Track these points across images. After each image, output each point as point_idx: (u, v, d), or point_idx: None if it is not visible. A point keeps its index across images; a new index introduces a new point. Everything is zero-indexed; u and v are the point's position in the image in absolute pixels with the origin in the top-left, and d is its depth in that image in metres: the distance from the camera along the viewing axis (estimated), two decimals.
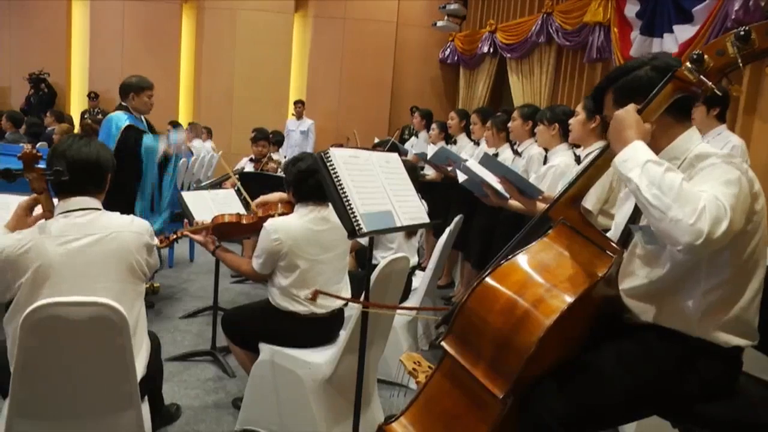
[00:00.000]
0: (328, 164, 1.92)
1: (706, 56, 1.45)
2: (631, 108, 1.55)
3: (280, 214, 2.85)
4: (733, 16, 4.48)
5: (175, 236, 2.93)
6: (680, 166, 1.54)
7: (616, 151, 1.52)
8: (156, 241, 2.15)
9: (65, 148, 1.99)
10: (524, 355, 1.47)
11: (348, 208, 1.87)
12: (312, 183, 2.56)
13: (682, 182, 1.37)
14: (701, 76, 1.46)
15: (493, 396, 1.52)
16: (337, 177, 1.90)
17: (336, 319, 2.74)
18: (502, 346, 1.53)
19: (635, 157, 1.45)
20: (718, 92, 1.49)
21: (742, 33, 1.41)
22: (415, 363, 2.09)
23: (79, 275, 1.87)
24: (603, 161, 1.64)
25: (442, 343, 1.66)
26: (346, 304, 2.78)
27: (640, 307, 1.63)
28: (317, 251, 2.61)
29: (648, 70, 1.60)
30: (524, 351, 1.48)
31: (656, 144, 1.58)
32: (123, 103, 4.03)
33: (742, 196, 1.41)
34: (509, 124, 4.16)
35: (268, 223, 2.57)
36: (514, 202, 2.83)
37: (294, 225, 2.59)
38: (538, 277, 1.58)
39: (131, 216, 2.08)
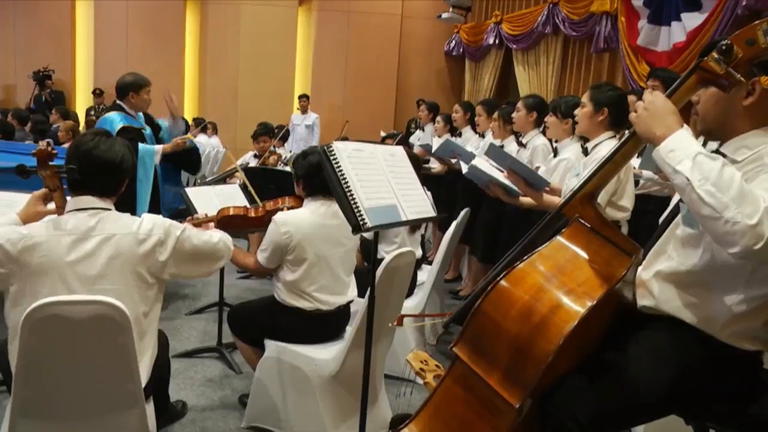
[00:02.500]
0: (331, 158, 1.89)
1: (735, 46, 1.35)
2: (663, 95, 1.44)
3: (288, 208, 2.82)
4: (744, 3, 4.40)
5: None
6: (747, 158, 1.45)
7: (653, 137, 1.40)
8: (177, 232, 1.99)
9: (91, 147, 1.92)
10: (542, 364, 1.42)
11: (352, 202, 1.84)
12: (323, 177, 2.53)
13: (741, 179, 1.27)
14: (729, 68, 1.35)
15: (508, 404, 1.47)
16: (340, 171, 1.87)
17: (342, 314, 2.71)
18: (518, 354, 1.47)
19: (684, 148, 1.33)
20: (750, 86, 1.40)
21: None
22: (422, 362, 2.05)
23: (80, 276, 1.84)
24: (621, 157, 1.56)
25: (454, 349, 1.60)
26: (350, 302, 2.75)
27: (666, 293, 1.57)
28: (326, 246, 2.59)
29: None
30: (543, 359, 1.42)
31: (741, 124, 1.48)
32: (118, 102, 4.00)
33: None
34: (513, 115, 4.12)
35: (278, 217, 2.55)
36: (525, 199, 2.79)
37: (304, 219, 2.57)
38: (555, 281, 1.52)
39: (142, 217, 2.00)
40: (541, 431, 1.54)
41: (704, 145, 1.79)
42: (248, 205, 3.14)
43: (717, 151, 1.53)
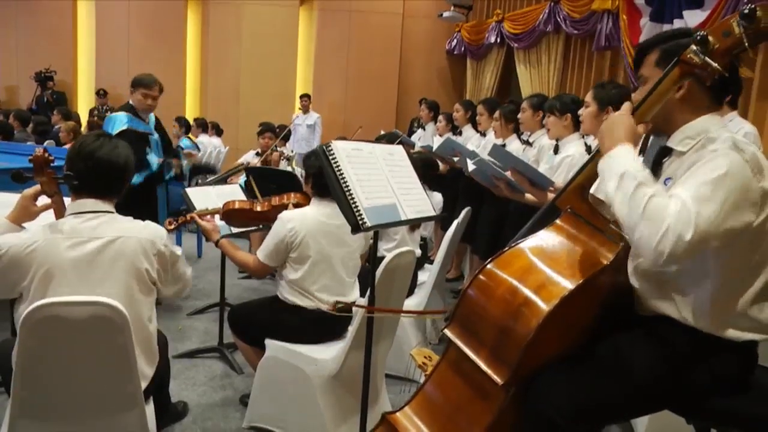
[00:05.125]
0: (330, 157, 1.88)
1: (711, 38, 1.41)
2: (626, 111, 1.53)
3: (294, 204, 2.83)
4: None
5: (184, 219, 2.91)
6: (692, 147, 1.51)
7: (603, 151, 1.51)
8: (178, 250, 2.05)
9: (95, 149, 1.91)
10: (523, 342, 1.47)
11: (351, 202, 1.83)
12: None
13: (651, 199, 1.35)
14: (706, 58, 1.41)
15: (494, 383, 1.51)
16: (339, 170, 1.86)
17: (343, 315, 2.69)
18: (502, 333, 1.52)
19: (613, 167, 1.45)
20: (725, 74, 1.44)
21: (746, 11, 1.36)
22: (425, 357, 2.07)
23: (83, 278, 1.83)
24: None
25: (445, 331, 1.66)
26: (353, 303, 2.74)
27: (647, 290, 1.59)
28: (330, 245, 2.59)
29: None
30: (523, 337, 1.47)
31: (683, 117, 1.55)
32: (129, 101, 4.00)
33: (733, 196, 1.34)
34: (519, 116, 4.10)
35: (284, 214, 2.57)
36: (530, 196, 2.78)
37: (309, 216, 2.59)
38: (540, 264, 1.57)
39: (146, 222, 2.01)
40: (526, 421, 1.56)
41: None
42: (255, 199, 3.12)
43: (665, 147, 1.60)
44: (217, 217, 2.97)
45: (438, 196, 4.09)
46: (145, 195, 4.00)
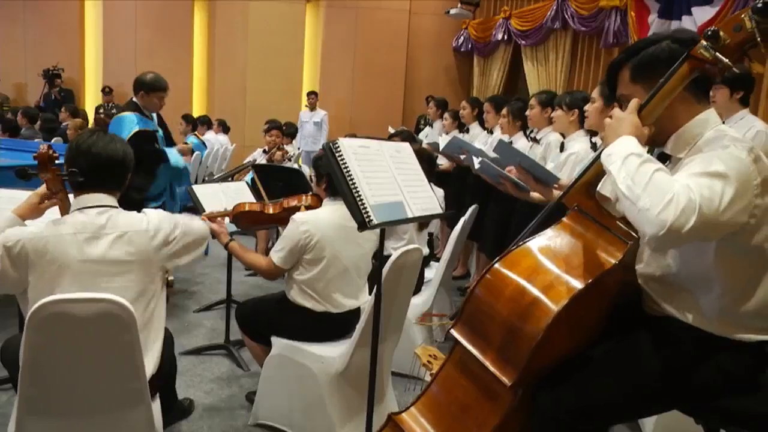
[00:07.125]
0: (336, 154, 1.87)
1: (722, 32, 1.39)
2: (632, 109, 1.50)
3: (307, 207, 2.79)
4: None
5: None
6: (688, 151, 1.49)
7: (607, 145, 1.49)
8: (178, 231, 2.05)
9: (90, 144, 1.93)
10: (532, 342, 1.45)
11: (357, 199, 1.82)
12: None
13: (656, 172, 1.33)
14: (717, 54, 1.39)
15: (502, 384, 1.50)
16: (346, 167, 1.85)
17: (351, 317, 2.67)
18: (510, 333, 1.51)
19: (618, 152, 1.42)
20: (735, 70, 1.42)
21: (759, 5, 1.34)
22: (430, 356, 2.06)
23: (92, 274, 1.84)
24: None
25: (452, 331, 1.65)
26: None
27: (655, 294, 1.58)
28: (343, 248, 2.56)
29: (669, 42, 1.51)
30: (532, 338, 1.45)
31: (672, 123, 1.53)
32: (134, 100, 3.99)
33: (730, 192, 1.31)
34: (527, 113, 4.08)
35: (297, 216, 2.52)
36: (535, 194, 2.76)
37: (323, 218, 2.54)
38: (548, 264, 1.55)
39: (147, 213, 2.03)
40: (533, 420, 1.55)
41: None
42: (266, 201, 3.10)
43: (663, 154, 1.57)
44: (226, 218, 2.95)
45: (439, 192, 4.08)
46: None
